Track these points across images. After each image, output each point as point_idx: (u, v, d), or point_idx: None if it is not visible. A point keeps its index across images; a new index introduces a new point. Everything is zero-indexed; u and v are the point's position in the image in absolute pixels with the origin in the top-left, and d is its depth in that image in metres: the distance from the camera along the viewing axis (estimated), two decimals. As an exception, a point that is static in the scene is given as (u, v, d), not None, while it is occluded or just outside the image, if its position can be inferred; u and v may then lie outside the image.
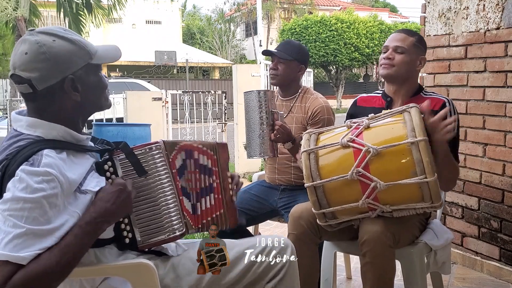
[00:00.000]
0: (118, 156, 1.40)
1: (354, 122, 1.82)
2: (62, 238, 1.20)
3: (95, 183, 1.32)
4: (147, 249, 1.45)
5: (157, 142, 1.42)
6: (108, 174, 1.38)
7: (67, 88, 1.30)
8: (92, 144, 1.43)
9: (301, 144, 1.86)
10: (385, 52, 2.09)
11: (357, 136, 1.74)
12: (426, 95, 2.11)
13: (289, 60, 2.49)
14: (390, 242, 1.76)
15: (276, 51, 2.54)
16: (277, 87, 2.62)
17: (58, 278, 1.20)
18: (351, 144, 1.73)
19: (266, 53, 2.66)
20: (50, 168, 1.19)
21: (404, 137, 1.66)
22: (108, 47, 1.43)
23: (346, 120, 2.21)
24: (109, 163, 1.39)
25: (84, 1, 11.73)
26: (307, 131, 1.93)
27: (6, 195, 1.17)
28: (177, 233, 1.41)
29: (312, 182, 1.76)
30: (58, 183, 1.20)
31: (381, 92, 2.21)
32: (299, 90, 2.56)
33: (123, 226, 1.40)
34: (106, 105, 1.44)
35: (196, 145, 1.53)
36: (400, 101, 2.10)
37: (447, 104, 2.02)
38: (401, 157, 1.67)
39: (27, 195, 1.15)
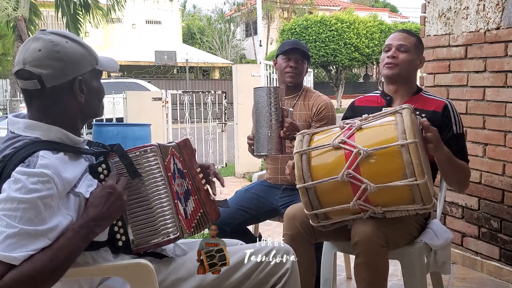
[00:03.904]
0: (113, 159, 1.40)
1: (347, 123, 1.82)
2: (56, 240, 1.20)
3: (86, 187, 1.32)
4: (142, 252, 1.44)
5: (152, 145, 1.42)
6: (102, 176, 1.38)
7: (75, 89, 1.32)
8: (87, 147, 1.44)
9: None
10: (387, 51, 2.10)
11: (349, 138, 1.74)
12: (426, 95, 2.12)
13: (307, 59, 2.57)
14: (382, 242, 1.76)
15: (303, 51, 2.53)
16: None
17: (49, 279, 1.19)
18: (342, 145, 1.73)
19: (294, 50, 2.52)
20: (46, 169, 1.19)
21: (395, 139, 1.66)
22: (108, 58, 1.46)
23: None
24: (103, 165, 1.39)
25: (82, 1, 11.74)
26: (300, 131, 1.93)
27: (1, 195, 1.17)
28: (171, 237, 1.40)
29: (304, 183, 1.76)
30: (53, 184, 1.20)
31: (379, 92, 2.23)
32: (301, 89, 2.60)
33: (116, 228, 1.39)
34: (101, 112, 1.46)
35: (173, 149, 1.51)
36: (399, 99, 2.12)
37: (448, 106, 2.04)
38: (392, 159, 1.66)
39: (22, 196, 1.15)
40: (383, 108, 1.92)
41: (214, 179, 1.66)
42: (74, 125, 1.37)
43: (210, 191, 1.61)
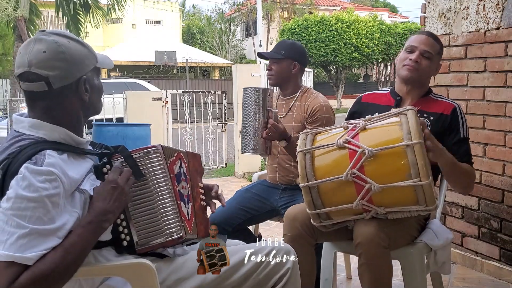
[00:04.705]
0: (117, 160, 1.41)
1: (351, 124, 1.82)
2: (66, 238, 1.21)
3: (90, 185, 1.34)
4: (144, 252, 1.44)
5: (155, 146, 1.43)
6: (106, 177, 1.38)
7: (80, 88, 1.34)
8: (91, 148, 1.45)
9: (297, 144, 1.86)
10: (409, 52, 2.05)
11: (353, 138, 1.74)
12: (435, 97, 2.11)
13: (280, 59, 2.52)
14: (385, 243, 1.76)
15: (266, 52, 2.60)
16: (278, 87, 2.64)
17: (63, 277, 1.20)
18: (346, 145, 1.73)
19: (259, 55, 2.68)
20: (53, 168, 1.20)
21: (400, 139, 1.66)
22: (103, 55, 1.47)
23: (346, 118, 2.21)
24: (108, 166, 1.40)
25: (82, 1, 11.75)
26: (304, 131, 1.93)
27: (9, 193, 1.17)
28: (175, 236, 1.40)
29: (307, 182, 1.76)
30: (60, 183, 1.21)
31: (388, 89, 2.20)
32: (299, 90, 2.57)
33: (121, 228, 1.40)
34: (101, 109, 1.47)
35: (182, 154, 1.56)
36: (409, 101, 2.09)
37: (457, 109, 2.03)
38: (396, 159, 1.66)
39: (30, 194, 1.16)
40: (392, 108, 1.92)
41: (215, 201, 1.73)
42: (77, 125, 1.38)
43: (208, 208, 1.66)
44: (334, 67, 22.05)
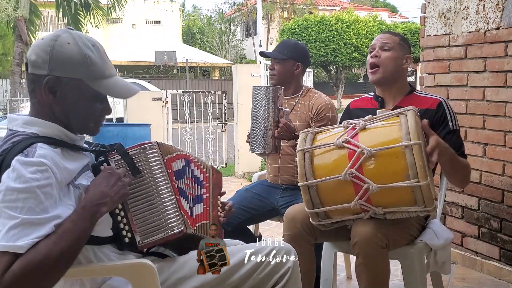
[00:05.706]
0: (114, 158, 1.42)
1: (351, 123, 1.82)
2: (60, 226, 1.20)
3: (86, 181, 1.34)
4: (145, 251, 1.45)
5: (150, 142, 1.44)
6: (102, 168, 1.39)
7: (44, 85, 1.30)
8: (86, 146, 1.45)
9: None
10: (371, 52, 2.11)
11: (352, 137, 1.74)
12: (420, 94, 2.13)
13: (283, 59, 2.53)
14: (382, 243, 1.76)
15: (269, 52, 2.60)
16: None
17: (58, 264, 1.18)
18: (346, 145, 1.73)
19: (261, 55, 2.72)
20: (43, 159, 1.20)
21: (399, 140, 1.66)
22: (124, 84, 1.46)
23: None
24: (105, 164, 1.40)
25: (82, 1, 11.76)
26: (304, 130, 1.93)
27: (0, 186, 1.17)
28: (176, 230, 1.41)
29: (306, 181, 1.76)
30: (52, 174, 1.20)
31: (372, 94, 2.23)
32: (302, 89, 2.59)
33: (122, 225, 1.40)
34: (91, 131, 1.41)
35: (192, 157, 1.59)
36: (392, 100, 2.11)
37: (443, 103, 2.04)
38: (395, 160, 1.66)
39: (20, 185, 1.15)
40: (378, 111, 1.92)
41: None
42: (65, 124, 1.35)
43: (222, 219, 1.68)
44: (334, 67, 22.06)
